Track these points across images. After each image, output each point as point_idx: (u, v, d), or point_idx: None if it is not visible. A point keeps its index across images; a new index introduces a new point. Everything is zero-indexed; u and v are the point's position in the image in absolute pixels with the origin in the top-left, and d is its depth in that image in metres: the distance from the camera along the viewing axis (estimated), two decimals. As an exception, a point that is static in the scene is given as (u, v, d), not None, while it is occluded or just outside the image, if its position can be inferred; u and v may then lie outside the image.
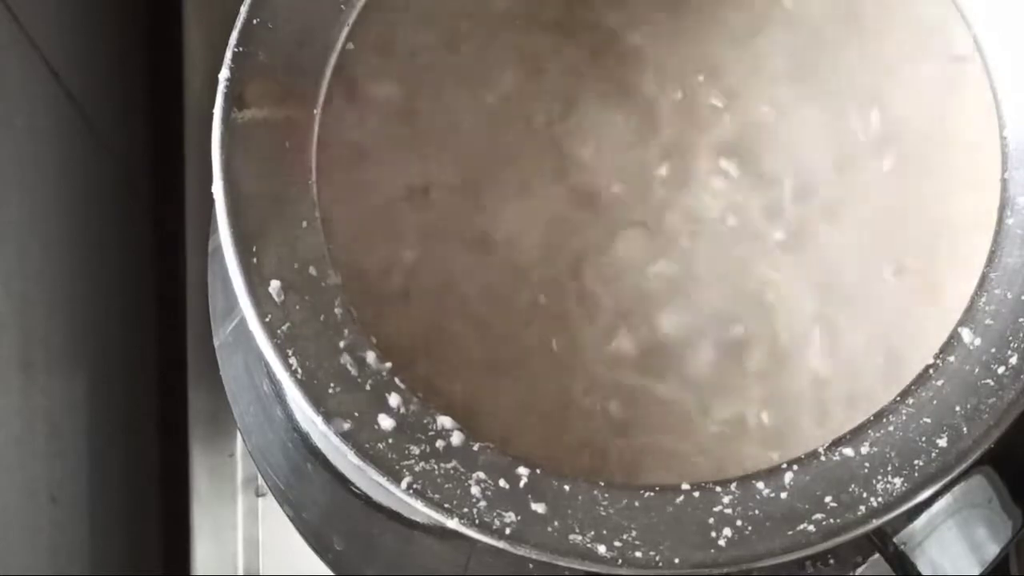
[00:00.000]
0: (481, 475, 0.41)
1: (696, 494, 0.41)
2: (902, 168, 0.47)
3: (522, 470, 0.41)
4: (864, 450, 0.41)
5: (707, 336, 0.46)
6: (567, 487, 0.41)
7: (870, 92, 0.48)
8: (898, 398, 0.42)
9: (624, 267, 0.46)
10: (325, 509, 0.50)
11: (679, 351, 0.46)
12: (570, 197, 0.47)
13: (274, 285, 0.42)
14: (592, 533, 0.40)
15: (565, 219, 0.47)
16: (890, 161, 0.47)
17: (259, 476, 0.59)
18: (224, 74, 0.43)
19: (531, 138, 0.48)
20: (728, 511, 0.41)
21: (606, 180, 0.47)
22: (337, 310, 0.42)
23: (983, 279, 0.43)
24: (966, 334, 0.42)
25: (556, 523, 0.40)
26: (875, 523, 0.40)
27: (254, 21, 0.44)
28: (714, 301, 0.46)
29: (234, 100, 0.43)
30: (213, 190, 0.43)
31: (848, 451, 0.41)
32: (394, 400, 0.41)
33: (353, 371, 0.42)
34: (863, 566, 0.43)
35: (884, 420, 0.42)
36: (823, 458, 0.41)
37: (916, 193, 0.47)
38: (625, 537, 0.40)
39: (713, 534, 0.40)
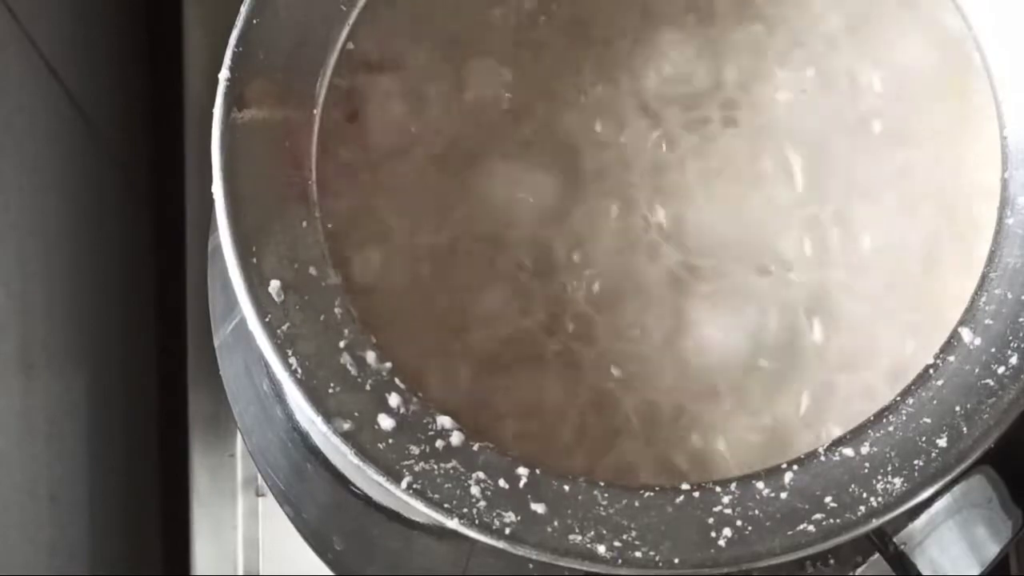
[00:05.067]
0: (481, 475, 0.41)
1: (696, 494, 0.41)
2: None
3: (522, 470, 0.41)
4: (864, 450, 0.41)
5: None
6: (567, 487, 0.41)
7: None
8: (898, 398, 0.42)
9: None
10: (325, 509, 0.50)
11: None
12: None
13: (274, 285, 0.42)
14: (592, 533, 0.40)
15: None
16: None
17: (259, 476, 0.59)
18: (224, 74, 0.43)
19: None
20: (728, 511, 0.41)
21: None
22: (337, 310, 0.42)
23: (983, 279, 0.43)
24: (966, 334, 0.42)
25: (556, 523, 0.40)
26: (875, 523, 0.40)
27: (254, 21, 0.44)
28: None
29: (234, 100, 0.43)
30: (213, 190, 0.43)
31: (848, 451, 0.41)
32: (394, 400, 0.41)
33: (353, 371, 0.42)
34: (863, 566, 0.43)
35: (884, 420, 0.42)
36: (823, 458, 0.41)
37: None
38: (625, 537, 0.40)
39: (713, 534, 0.40)
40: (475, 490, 0.40)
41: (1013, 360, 0.42)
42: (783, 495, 0.41)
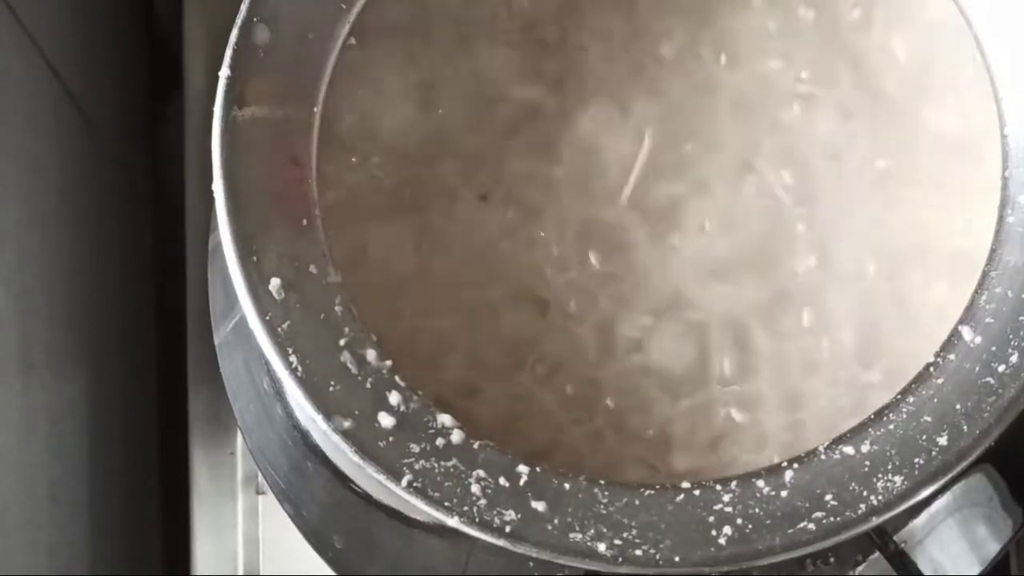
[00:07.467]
0: (481, 473, 0.41)
1: (696, 492, 0.41)
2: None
3: (522, 468, 0.41)
4: (864, 448, 0.41)
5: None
6: (567, 485, 0.41)
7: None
8: (899, 396, 0.42)
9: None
10: (325, 507, 0.50)
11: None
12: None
13: (274, 283, 0.42)
14: (592, 531, 0.40)
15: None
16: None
17: (259, 474, 0.59)
18: (224, 73, 0.43)
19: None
20: (728, 509, 0.41)
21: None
22: (337, 308, 0.42)
23: (984, 277, 0.43)
24: (966, 332, 0.42)
25: (556, 521, 0.40)
26: (875, 521, 0.40)
27: (254, 20, 0.44)
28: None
29: (234, 98, 0.43)
30: (213, 189, 0.43)
31: (848, 449, 0.41)
32: (394, 398, 0.41)
33: (353, 369, 0.42)
34: (863, 564, 0.43)
35: (884, 418, 0.42)
36: (823, 456, 0.41)
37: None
38: (625, 535, 0.40)
39: (713, 532, 0.40)
40: (475, 488, 0.40)
41: (1014, 358, 0.42)
42: (783, 493, 0.41)
